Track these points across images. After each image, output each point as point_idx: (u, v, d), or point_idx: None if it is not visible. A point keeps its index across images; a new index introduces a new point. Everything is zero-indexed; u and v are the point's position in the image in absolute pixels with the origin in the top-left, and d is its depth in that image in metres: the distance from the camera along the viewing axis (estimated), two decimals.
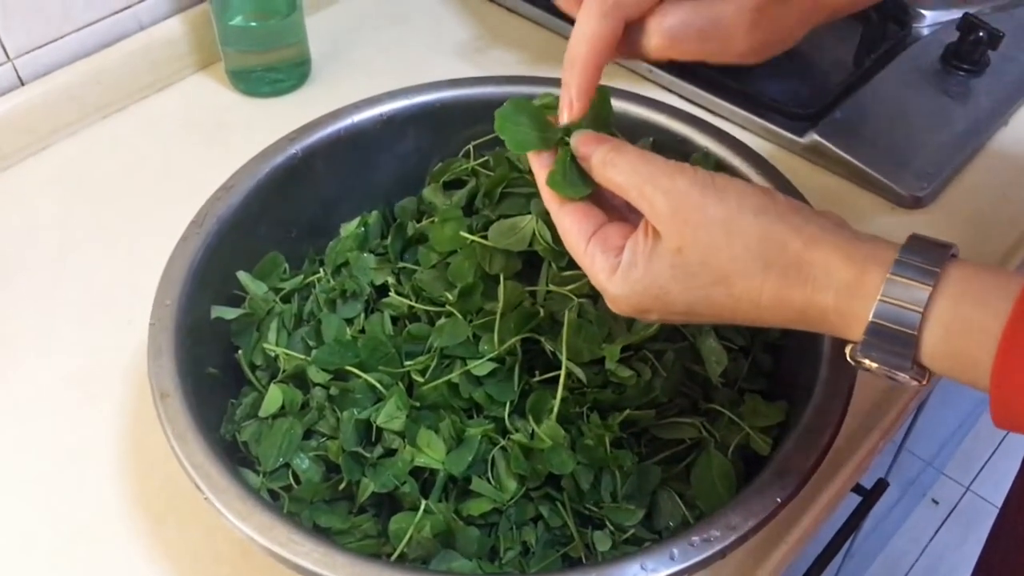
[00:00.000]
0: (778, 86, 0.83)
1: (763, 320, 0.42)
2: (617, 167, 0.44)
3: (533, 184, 0.63)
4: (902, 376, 0.40)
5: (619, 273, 0.44)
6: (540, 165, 0.48)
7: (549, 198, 0.47)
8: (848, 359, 0.41)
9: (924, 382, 0.40)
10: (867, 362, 0.40)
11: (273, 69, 0.86)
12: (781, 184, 0.62)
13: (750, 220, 0.41)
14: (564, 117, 0.47)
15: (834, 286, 0.40)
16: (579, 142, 0.46)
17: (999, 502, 0.75)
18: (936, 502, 1.70)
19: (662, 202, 0.42)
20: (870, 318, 0.39)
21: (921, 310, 0.38)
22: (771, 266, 0.41)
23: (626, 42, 0.47)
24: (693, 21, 0.45)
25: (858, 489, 0.72)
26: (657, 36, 0.46)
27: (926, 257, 0.39)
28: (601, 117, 0.49)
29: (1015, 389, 0.36)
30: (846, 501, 0.64)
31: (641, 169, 0.43)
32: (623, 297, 0.44)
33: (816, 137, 0.79)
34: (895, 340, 0.39)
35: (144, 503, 0.58)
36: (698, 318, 0.44)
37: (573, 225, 0.46)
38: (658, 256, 0.42)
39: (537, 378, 0.55)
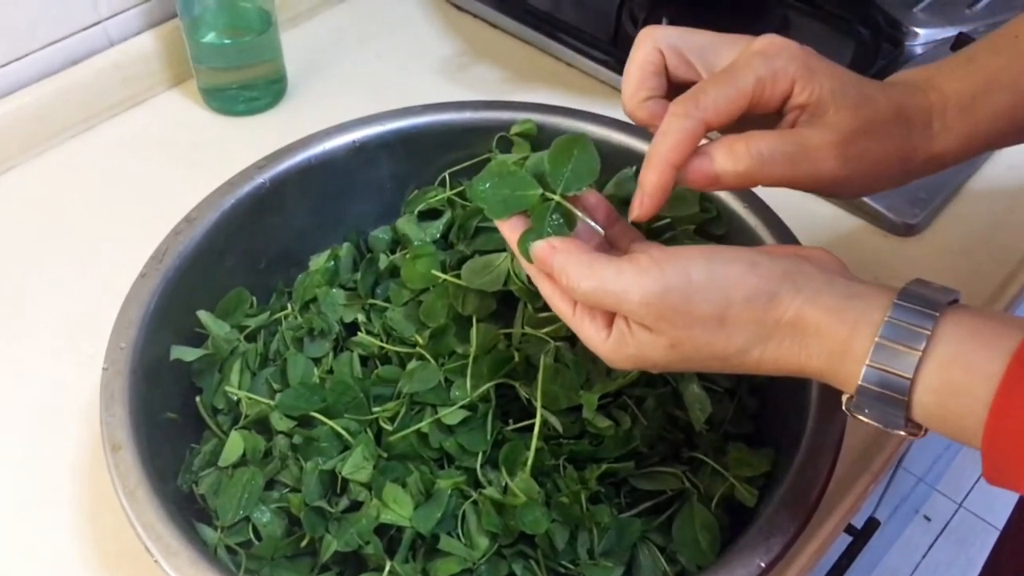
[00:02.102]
0: None
1: (760, 374, 0.43)
2: (584, 285, 0.42)
3: None
4: (897, 431, 0.39)
5: (611, 344, 0.43)
6: (510, 228, 0.46)
7: (527, 263, 0.45)
8: (843, 408, 0.41)
9: (920, 434, 0.40)
10: (860, 417, 0.40)
11: (248, 87, 0.84)
12: (768, 218, 0.59)
13: (741, 308, 0.41)
14: (633, 214, 0.46)
15: (825, 351, 0.40)
16: (539, 253, 0.44)
17: (992, 519, 0.73)
18: (928, 519, 1.68)
19: (644, 314, 0.41)
20: (859, 382, 0.39)
21: (910, 376, 0.37)
22: (767, 340, 0.41)
23: (713, 165, 0.45)
24: (782, 146, 0.45)
25: (849, 529, 0.69)
26: (747, 159, 0.44)
27: (919, 314, 0.38)
28: (586, 167, 0.47)
29: (1005, 454, 0.36)
30: (836, 542, 0.62)
31: (611, 286, 0.41)
32: (619, 361, 0.44)
33: None
34: (886, 401, 0.39)
35: (101, 552, 0.55)
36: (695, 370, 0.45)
37: (555, 291, 0.45)
38: (650, 345, 0.42)
39: (511, 426, 0.53)
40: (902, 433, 0.40)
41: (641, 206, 0.45)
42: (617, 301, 0.41)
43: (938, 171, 0.50)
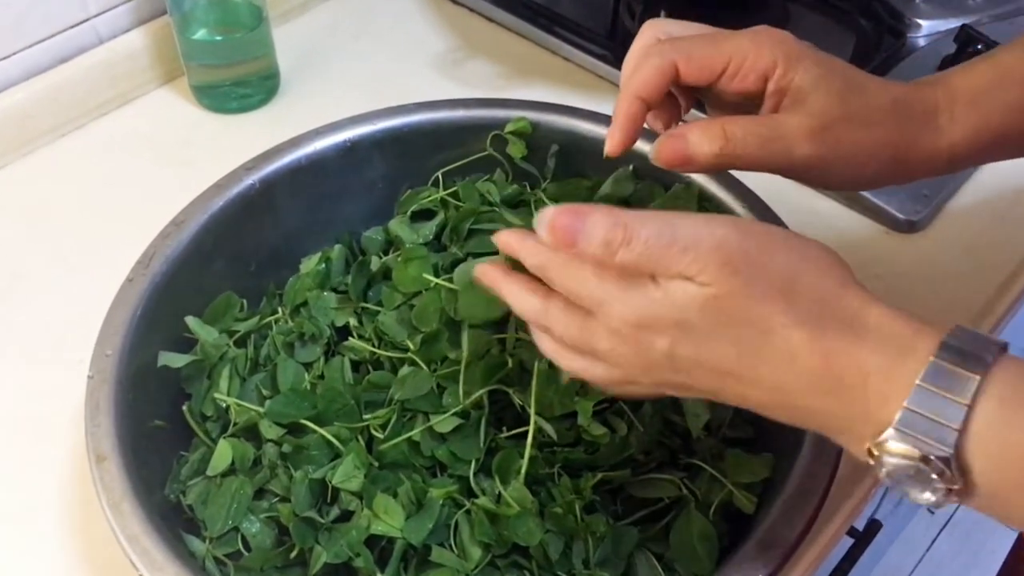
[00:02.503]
0: None
1: (779, 387, 0.37)
2: (646, 230, 0.38)
3: (503, 219, 0.60)
4: (932, 471, 0.34)
5: (637, 295, 0.38)
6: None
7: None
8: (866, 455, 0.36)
9: (956, 488, 0.35)
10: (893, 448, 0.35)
11: (240, 84, 0.82)
12: (768, 217, 0.58)
13: (814, 278, 0.38)
14: (606, 148, 0.48)
15: (894, 343, 0.36)
16: (562, 220, 0.39)
17: None
18: (932, 512, 1.68)
19: (709, 260, 0.37)
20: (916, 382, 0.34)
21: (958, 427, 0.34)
22: (824, 322, 0.37)
23: (687, 145, 0.46)
24: (755, 128, 0.45)
25: (850, 531, 0.68)
26: (720, 140, 0.45)
27: (960, 378, 0.34)
28: None
29: None
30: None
31: (681, 231, 0.37)
32: (632, 317, 0.38)
33: None
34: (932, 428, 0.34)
35: (89, 563, 0.54)
36: (699, 377, 0.39)
37: (523, 287, 0.42)
38: (681, 301, 0.37)
39: (505, 434, 0.52)
40: (936, 478, 0.35)
41: (611, 137, 0.47)
42: (681, 250, 0.37)
43: (952, 170, 0.49)
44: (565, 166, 0.65)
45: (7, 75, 0.78)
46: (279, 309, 0.60)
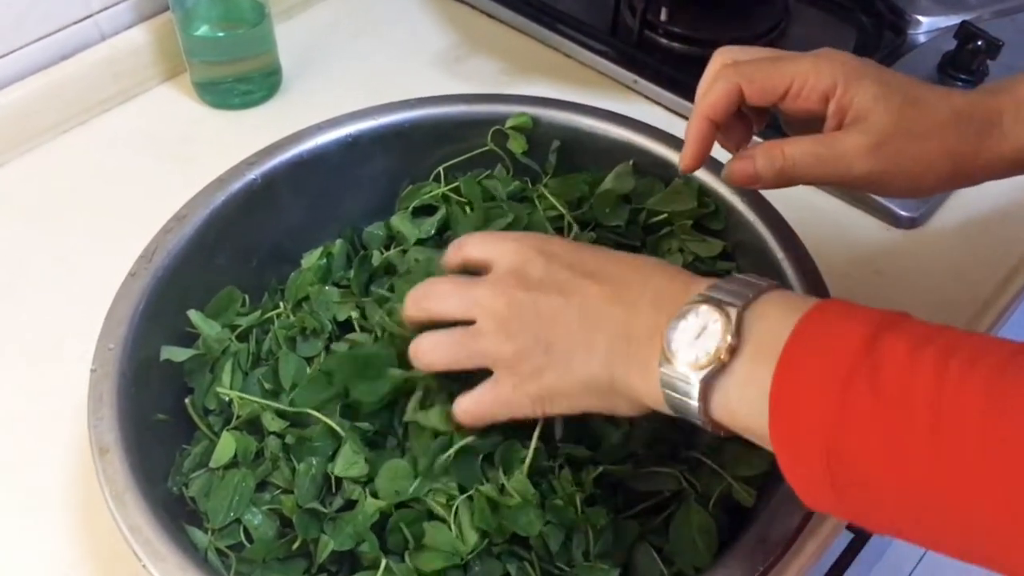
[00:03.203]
0: None
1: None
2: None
3: (504, 212, 0.60)
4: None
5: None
6: None
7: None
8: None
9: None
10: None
11: (242, 80, 0.83)
12: (766, 212, 0.58)
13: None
14: (681, 164, 0.53)
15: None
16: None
17: None
18: None
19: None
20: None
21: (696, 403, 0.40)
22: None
23: (754, 166, 0.50)
24: (813, 149, 0.49)
25: (850, 525, 0.68)
26: (781, 160, 0.49)
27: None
28: None
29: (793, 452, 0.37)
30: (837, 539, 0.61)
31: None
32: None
33: None
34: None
35: (93, 555, 0.54)
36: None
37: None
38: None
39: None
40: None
41: (684, 155, 0.52)
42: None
43: (1017, 173, 0.50)
44: (566, 161, 0.65)
45: (9, 72, 0.78)
46: (281, 304, 0.60)
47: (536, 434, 0.50)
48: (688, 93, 0.80)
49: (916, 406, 0.33)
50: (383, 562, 0.48)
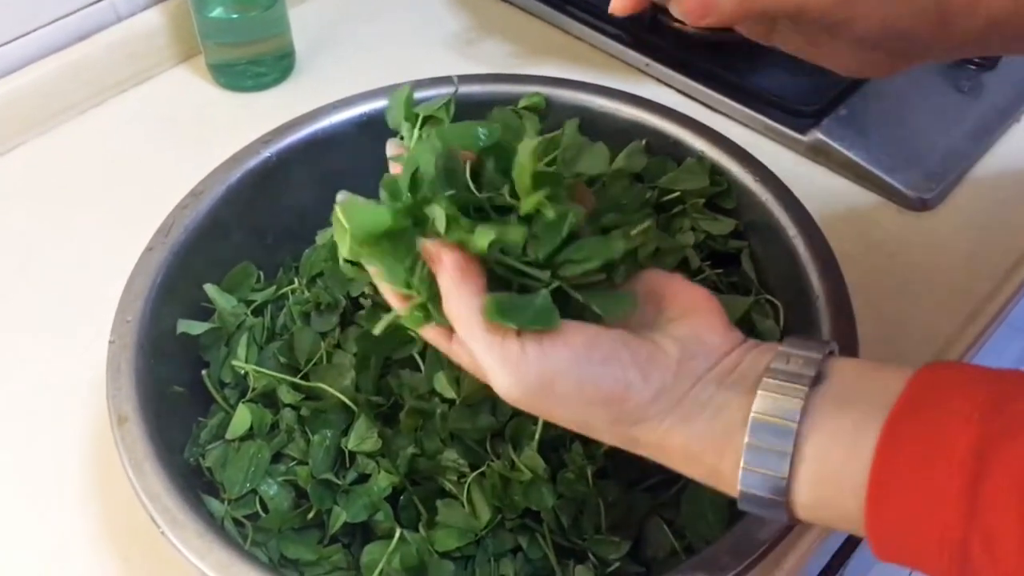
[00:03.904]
0: (780, 81, 0.79)
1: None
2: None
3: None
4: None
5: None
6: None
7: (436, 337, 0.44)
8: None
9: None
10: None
11: (256, 62, 0.83)
12: (779, 192, 0.59)
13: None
14: (611, 5, 0.46)
15: (699, 474, 0.40)
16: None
17: None
18: None
19: None
20: (740, 491, 0.38)
21: (782, 499, 0.37)
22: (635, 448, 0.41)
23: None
24: None
25: None
26: None
27: (779, 430, 0.37)
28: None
29: (888, 539, 0.35)
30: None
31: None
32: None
33: (820, 135, 0.75)
34: (765, 504, 0.38)
35: (109, 525, 0.55)
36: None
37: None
38: None
39: None
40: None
41: None
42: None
43: (988, 46, 0.47)
44: None
45: (26, 53, 0.79)
46: (295, 280, 0.61)
47: None
48: (700, 76, 0.81)
49: None
50: (397, 531, 0.48)
